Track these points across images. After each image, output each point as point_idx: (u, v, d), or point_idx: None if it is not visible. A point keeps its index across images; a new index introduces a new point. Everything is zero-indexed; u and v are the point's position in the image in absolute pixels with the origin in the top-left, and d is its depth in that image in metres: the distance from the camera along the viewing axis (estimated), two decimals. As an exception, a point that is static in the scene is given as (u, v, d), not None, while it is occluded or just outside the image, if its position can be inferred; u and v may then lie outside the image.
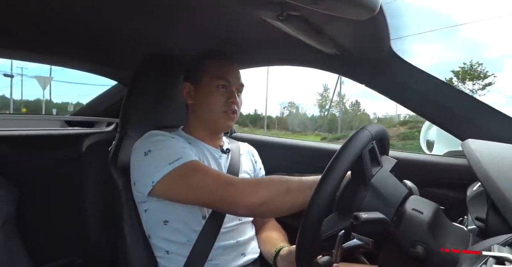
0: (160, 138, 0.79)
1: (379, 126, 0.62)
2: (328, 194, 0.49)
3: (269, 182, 0.72)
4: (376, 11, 0.48)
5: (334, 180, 0.50)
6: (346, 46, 0.77)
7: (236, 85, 0.87)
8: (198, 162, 0.75)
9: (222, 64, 0.87)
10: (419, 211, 0.54)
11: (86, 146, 1.15)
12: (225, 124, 0.87)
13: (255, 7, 0.51)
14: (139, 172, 0.76)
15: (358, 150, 0.52)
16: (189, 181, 0.71)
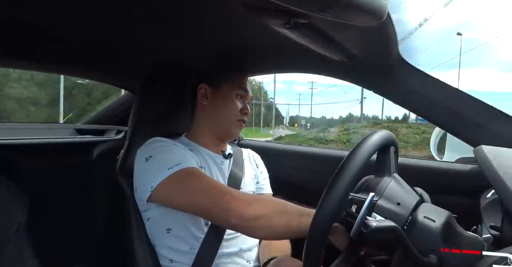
0: (161, 144, 0.80)
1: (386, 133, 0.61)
2: (337, 200, 0.49)
3: (267, 200, 0.73)
4: (384, 18, 0.49)
5: (342, 187, 0.49)
6: (354, 52, 0.77)
7: (249, 99, 0.93)
8: (197, 169, 0.75)
9: (243, 78, 0.93)
10: (431, 219, 0.53)
11: (96, 154, 1.17)
12: (234, 131, 0.91)
13: (262, 15, 0.52)
14: (140, 178, 0.77)
15: (366, 157, 0.52)
16: (186, 185, 0.71)
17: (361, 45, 0.74)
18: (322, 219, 0.48)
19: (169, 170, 0.71)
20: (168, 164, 0.72)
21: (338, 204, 0.48)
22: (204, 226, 0.79)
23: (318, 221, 0.49)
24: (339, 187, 0.49)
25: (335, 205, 0.48)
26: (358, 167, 0.50)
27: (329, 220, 0.48)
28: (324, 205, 0.48)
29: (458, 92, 0.81)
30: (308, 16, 0.51)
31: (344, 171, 0.50)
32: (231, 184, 0.86)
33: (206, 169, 0.83)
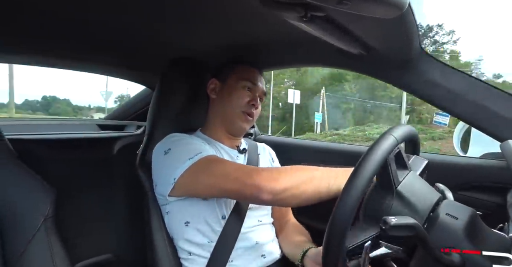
0: (178, 138, 0.81)
1: (406, 128, 0.59)
2: (352, 203, 0.48)
3: (293, 170, 0.72)
4: (404, 9, 0.47)
5: (357, 190, 0.48)
6: (372, 45, 0.75)
7: (260, 92, 0.91)
8: (218, 156, 0.78)
9: (252, 70, 0.91)
10: (454, 216, 0.51)
11: (116, 149, 1.20)
12: (240, 125, 0.89)
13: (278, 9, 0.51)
14: (160, 172, 0.79)
15: (381, 158, 0.50)
16: (212, 170, 0.73)
17: (380, 37, 0.72)
18: (342, 216, 0.48)
19: (189, 160, 0.73)
20: (188, 154, 0.74)
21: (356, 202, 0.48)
22: (221, 219, 0.80)
23: (337, 218, 0.48)
24: (352, 194, 0.48)
25: (350, 210, 0.48)
26: (372, 172, 0.49)
27: (345, 226, 0.48)
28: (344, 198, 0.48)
29: (483, 84, 0.77)
30: (325, 9, 0.50)
31: (356, 177, 0.49)
32: None
33: None
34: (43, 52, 1.00)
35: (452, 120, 8.60)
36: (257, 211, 0.87)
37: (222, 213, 0.80)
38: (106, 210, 1.13)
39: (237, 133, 0.92)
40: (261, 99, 0.92)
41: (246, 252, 0.82)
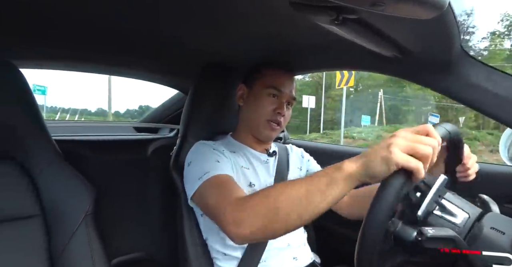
0: (200, 149, 0.82)
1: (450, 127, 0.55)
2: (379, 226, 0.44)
3: (259, 199, 0.58)
4: (444, 9, 0.44)
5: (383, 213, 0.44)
6: (409, 48, 0.72)
7: (287, 98, 0.87)
8: (219, 177, 0.72)
9: (277, 74, 0.88)
10: (500, 231, 0.47)
11: (151, 151, 1.26)
12: (266, 133, 0.87)
13: (309, 12, 0.51)
14: (185, 184, 0.81)
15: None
16: (207, 198, 0.70)
17: (417, 39, 0.69)
18: (373, 229, 0.45)
19: (199, 180, 0.74)
20: (199, 173, 0.75)
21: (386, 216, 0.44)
22: None
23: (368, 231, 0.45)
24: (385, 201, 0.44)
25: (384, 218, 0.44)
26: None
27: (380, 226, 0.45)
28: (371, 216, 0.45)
29: None
30: (358, 11, 0.49)
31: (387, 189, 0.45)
32: (277, 180, 0.87)
33: (251, 169, 0.85)
34: (80, 58, 1.07)
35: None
36: None
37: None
38: (141, 209, 1.18)
39: (264, 140, 0.91)
40: (290, 104, 0.89)
41: (279, 253, 0.83)
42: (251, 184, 0.83)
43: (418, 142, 0.46)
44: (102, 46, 0.99)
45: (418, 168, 0.44)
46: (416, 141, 0.46)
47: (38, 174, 0.70)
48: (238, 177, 0.81)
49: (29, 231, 0.67)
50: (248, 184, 0.82)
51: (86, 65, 1.14)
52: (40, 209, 0.69)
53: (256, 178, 0.84)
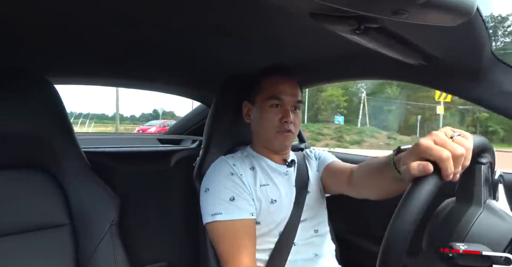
0: (219, 174, 0.82)
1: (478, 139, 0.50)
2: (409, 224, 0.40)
3: None
4: (472, 14, 0.43)
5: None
6: (434, 55, 0.70)
7: (292, 103, 0.84)
8: (231, 226, 0.76)
9: (275, 83, 0.85)
10: None
11: (174, 162, 1.28)
12: (279, 144, 0.85)
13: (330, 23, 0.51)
14: (201, 206, 0.83)
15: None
16: (213, 240, 0.79)
17: (443, 46, 0.67)
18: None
19: (211, 216, 0.78)
20: (212, 209, 0.78)
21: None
22: (277, 235, 0.81)
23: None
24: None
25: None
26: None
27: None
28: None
29: None
30: (380, 20, 0.49)
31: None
32: (299, 190, 0.87)
33: (271, 185, 0.84)
34: (114, 74, 1.12)
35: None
36: (312, 221, 0.86)
37: (278, 229, 0.81)
38: (164, 220, 1.19)
39: (280, 150, 0.89)
40: (297, 108, 0.86)
41: (305, 264, 0.81)
42: (272, 201, 0.82)
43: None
44: (128, 61, 1.03)
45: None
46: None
47: (68, 184, 0.73)
48: (258, 197, 0.81)
49: (58, 240, 0.70)
50: (270, 201, 0.82)
51: (111, 79, 1.20)
52: (69, 218, 0.72)
53: (277, 193, 0.84)
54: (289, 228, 0.82)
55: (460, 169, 0.45)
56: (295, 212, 0.83)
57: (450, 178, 0.44)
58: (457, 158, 0.44)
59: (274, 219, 0.81)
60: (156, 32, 0.79)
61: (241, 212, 0.77)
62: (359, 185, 0.77)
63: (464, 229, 0.47)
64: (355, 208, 1.08)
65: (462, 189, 0.51)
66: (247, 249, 0.74)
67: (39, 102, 0.72)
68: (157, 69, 1.13)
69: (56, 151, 0.73)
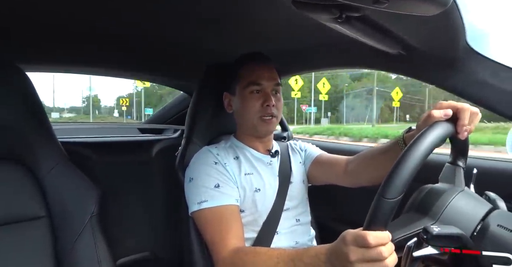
0: (203, 163, 0.82)
1: None
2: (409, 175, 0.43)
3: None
4: (448, 5, 0.44)
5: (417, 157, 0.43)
6: (413, 45, 0.71)
7: (271, 87, 0.85)
8: (217, 211, 0.76)
9: (254, 69, 0.85)
10: (507, 228, 0.47)
11: (155, 151, 1.26)
12: (264, 129, 0.86)
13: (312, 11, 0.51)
14: (186, 196, 0.83)
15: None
16: (201, 228, 0.79)
17: (422, 36, 0.68)
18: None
19: (197, 204, 0.77)
20: (197, 197, 0.78)
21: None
22: (261, 224, 0.83)
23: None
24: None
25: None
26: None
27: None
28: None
29: None
30: (361, 9, 0.49)
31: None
32: (282, 180, 0.88)
33: (255, 174, 0.85)
34: (84, 61, 1.08)
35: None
36: (294, 210, 0.88)
37: (262, 218, 0.83)
38: (145, 210, 1.19)
39: (265, 136, 0.90)
40: (277, 91, 0.86)
41: None
42: (256, 190, 0.83)
43: (375, 262, 0.44)
44: (106, 49, 0.99)
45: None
46: (372, 261, 0.44)
47: (44, 175, 0.71)
48: (242, 185, 0.81)
49: (36, 233, 0.68)
50: (254, 190, 0.83)
51: (89, 67, 1.15)
52: (46, 211, 0.70)
53: (261, 183, 0.84)
54: (272, 217, 0.83)
55: (471, 128, 0.53)
56: (278, 201, 0.85)
57: (464, 130, 0.52)
58: (473, 114, 0.53)
59: (258, 208, 0.82)
60: (135, 20, 0.76)
61: (226, 198, 0.77)
62: (358, 172, 0.82)
63: (442, 205, 0.51)
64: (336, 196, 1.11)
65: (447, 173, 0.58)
66: (235, 232, 0.74)
67: (11, 92, 0.68)
68: (136, 57, 1.09)
69: (30, 142, 0.71)
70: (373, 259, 0.44)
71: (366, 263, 0.45)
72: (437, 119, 0.52)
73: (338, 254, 0.48)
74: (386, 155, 0.73)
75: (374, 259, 0.44)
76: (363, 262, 0.45)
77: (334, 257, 0.50)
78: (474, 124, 0.55)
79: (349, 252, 0.45)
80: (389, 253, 0.44)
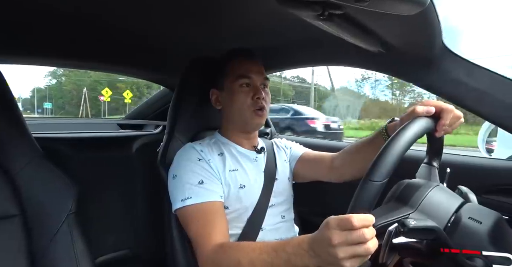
0: (186, 160, 0.81)
1: None
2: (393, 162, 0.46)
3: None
4: (426, 5, 0.45)
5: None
6: (392, 43, 0.73)
7: (260, 80, 0.86)
8: (201, 207, 0.75)
9: (242, 63, 0.86)
10: (477, 220, 0.49)
11: (136, 148, 1.23)
12: (255, 122, 0.87)
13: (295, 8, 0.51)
14: (169, 194, 0.82)
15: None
16: (185, 226, 0.77)
17: (400, 35, 0.70)
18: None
19: (181, 201, 0.76)
20: (181, 194, 0.77)
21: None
22: (245, 221, 0.82)
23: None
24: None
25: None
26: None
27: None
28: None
29: (510, 82, 0.74)
30: (343, 6, 0.50)
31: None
32: (267, 176, 0.88)
33: (240, 170, 0.84)
34: (63, 53, 1.04)
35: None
36: (279, 207, 0.89)
37: (246, 214, 0.83)
38: (126, 207, 1.16)
39: (254, 130, 0.91)
40: (265, 86, 0.88)
41: None
42: (241, 186, 0.83)
43: (357, 245, 0.45)
44: (84, 41, 0.96)
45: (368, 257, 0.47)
46: (354, 243, 0.45)
47: (16, 172, 0.68)
48: (227, 182, 0.81)
49: (9, 232, 0.65)
50: (238, 186, 0.82)
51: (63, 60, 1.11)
52: (19, 209, 0.67)
53: (246, 179, 0.84)
54: (257, 214, 0.83)
55: (450, 129, 0.58)
56: (263, 198, 0.85)
57: (442, 129, 0.57)
58: (456, 117, 0.58)
59: (243, 204, 0.82)
60: (114, 11, 0.74)
61: (211, 195, 0.77)
62: (344, 166, 0.85)
63: (420, 196, 0.54)
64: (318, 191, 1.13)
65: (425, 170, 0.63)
66: (219, 228, 0.74)
67: None
68: (117, 50, 1.06)
69: (1, 138, 0.67)
70: (355, 241, 0.45)
71: (348, 246, 0.45)
72: (419, 114, 0.56)
73: (320, 240, 0.49)
74: (370, 146, 0.76)
75: (356, 241, 0.45)
76: (346, 245, 0.45)
77: (317, 244, 0.50)
78: (454, 128, 0.59)
79: (332, 235, 0.46)
80: (372, 236, 0.45)
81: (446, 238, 0.46)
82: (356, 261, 0.46)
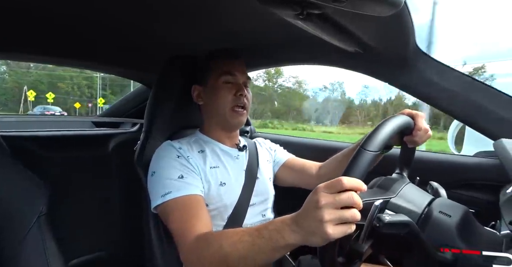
0: (165, 157, 0.80)
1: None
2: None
3: (209, 254, 0.62)
4: (400, 7, 0.47)
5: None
6: (368, 43, 0.75)
7: (243, 79, 0.87)
8: (181, 201, 0.73)
9: (225, 61, 0.87)
10: (447, 214, 0.52)
11: (112, 146, 1.20)
12: (235, 120, 0.87)
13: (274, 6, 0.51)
14: (149, 192, 0.80)
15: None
16: (167, 220, 0.74)
17: (376, 35, 0.72)
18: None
19: (161, 197, 0.74)
20: (161, 190, 0.75)
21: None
22: (226, 219, 0.82)
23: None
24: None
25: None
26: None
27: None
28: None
29: (478, 83, 0.78)
30: (321, 6, 0.50)
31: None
32: (249, 174, 0.88)
33: (221, 167, 0.84)
34: (41, 49, 0.99)
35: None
36: (260, 205, 0.89)
37: (227, 212, 0.82)
38: (101, 208, 1.13)
39: (235, 128, 0.91)
40: (246, 84, 0.89)
41: None
42: (221, 183, 0.82)
43: (344, 208, 0.45)
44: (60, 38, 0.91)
45: (351, 227, 0.46)
46: (342, 206, 0.45)
47: None
48: (207, 179, 0.80)
49: None
50: (219, 183, 0.82)
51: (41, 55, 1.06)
52: None
53: (227, 176, 0.84)
54: (238, 212, 0.83)
55: (419, 141, 0.66)
56: (244, 196, 0.85)
57: (417, 133, 0.64)
58: (425, 131, 0.65)
59: (223, 202, 0.81)
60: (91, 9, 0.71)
61: (191, 188, 0.75)
62: (331, 174, 0.86)
63: (400, 186, 0.57)
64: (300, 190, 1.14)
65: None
66: (202, 220, 0.71)
67: None
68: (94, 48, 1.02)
69: None
70: (343, 202, 0.44)
71: (335, 209, 0.44)
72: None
73: (306, 208, 0.47)
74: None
75: (344, 203, 0.44)
76: (333, 207, 0.44)
77: (302, 215, 0.48)
78: (424, 141, 0.67)
79: (319, 197, 0.45)
80: (359, 201, 0.44)
81: (418, 231, 0.48)
82: (341, 229, 0.44)
